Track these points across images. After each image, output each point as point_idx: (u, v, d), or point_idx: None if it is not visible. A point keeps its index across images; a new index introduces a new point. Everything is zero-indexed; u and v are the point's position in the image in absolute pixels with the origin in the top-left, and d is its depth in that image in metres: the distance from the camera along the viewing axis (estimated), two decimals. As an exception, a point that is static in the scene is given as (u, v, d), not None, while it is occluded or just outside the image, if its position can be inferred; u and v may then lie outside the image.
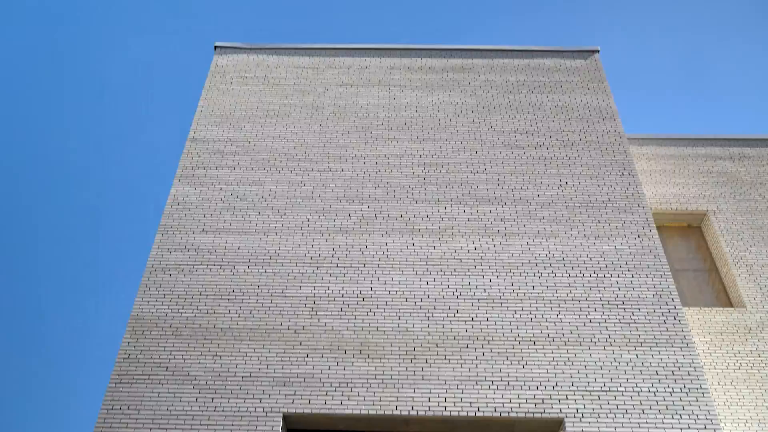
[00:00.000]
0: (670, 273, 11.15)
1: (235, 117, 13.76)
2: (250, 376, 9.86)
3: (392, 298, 10.74)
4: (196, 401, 9.64)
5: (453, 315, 10.52)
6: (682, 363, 10.01)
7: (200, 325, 10.46)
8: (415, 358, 10.02)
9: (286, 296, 10.78)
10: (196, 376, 9.89)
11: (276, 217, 11.91)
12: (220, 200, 12.18)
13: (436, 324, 10.41)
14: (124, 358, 10.14)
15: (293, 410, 9.52)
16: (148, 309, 10.70)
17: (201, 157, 12.91)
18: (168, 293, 10.87)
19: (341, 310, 10.59)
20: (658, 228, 14.37)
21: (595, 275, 11.05)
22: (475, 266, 11.16)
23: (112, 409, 9.61)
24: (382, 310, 10.58)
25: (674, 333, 10.36)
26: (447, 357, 10.04)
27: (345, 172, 12.64)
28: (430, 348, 10.14)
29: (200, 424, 9.36)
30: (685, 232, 14.51)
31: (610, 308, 10.64)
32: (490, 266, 11.16)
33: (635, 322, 10.47)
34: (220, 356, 10.09)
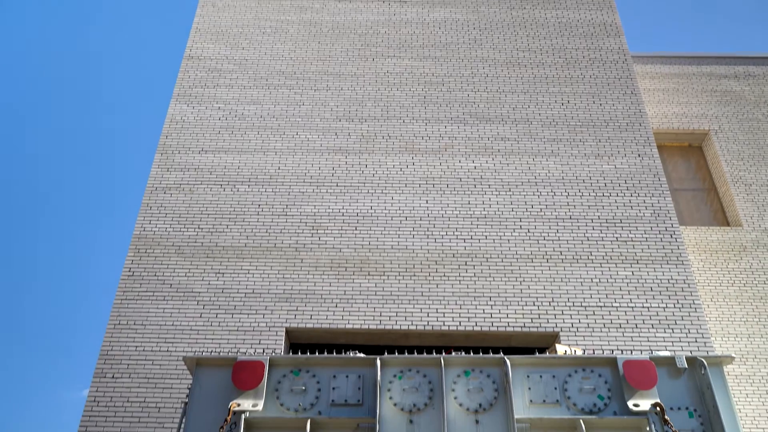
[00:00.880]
0: (668, 192, 11.20)
1: (232, 34, 13.48)
2: (253, 293, 10.07)
3: (392, 216, 10.83)
4: (201, 317, 9.88)
5: (452, 233, 10.64)
6: (676, 280, 10.19)
7: (202, 243, 10.59)
8: (414, 275, 10.20)
9: (286, 215, 10.87)
10: (199, 292, 10.10)
11: (275, 136, 11.86)
12: (219, 119, 12.10)
13: (435, 242, 10.54)
14: (128, 276, 10.32)
15: (295, 325, 9.76)
16: (150, 228, 10.81)
17: (198, 76, 12.73)
18: (169, 212, 10.96)
19: (341, 229, 10.70)
20: (659, 147, 14.32)
21: (594, 194, 11.11)
22: (475, 185, 11.20)
23: (119, 324, 9.86)
24: (382, 229, 10.69)
25: (670, 251, 10.51)
26: (446, 274, 10.22)
27: (344, 90, 12.49)
28: (429, 265, 10.30)
29: (205, 339, 9.62)
30: (686, 151, 14.48)
31: (607, 227, 10.74)
32: (489, 185, 11.20)
33: (632, 240, 10.60)
34: (223, 273, 10.27)
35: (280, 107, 12.25)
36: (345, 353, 5.61)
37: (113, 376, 9.34)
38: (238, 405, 5.14)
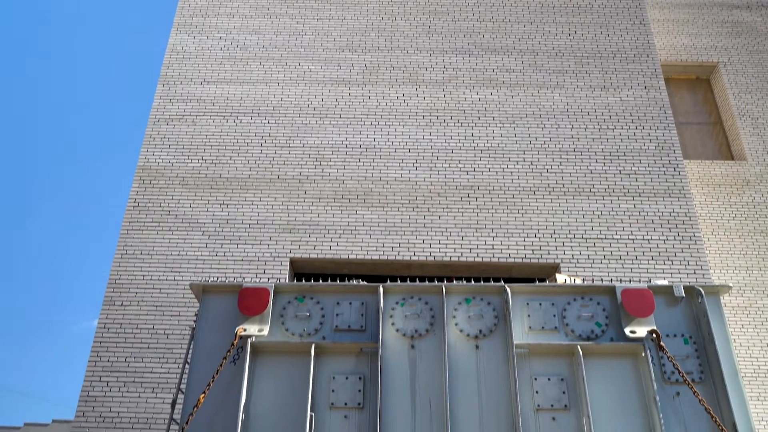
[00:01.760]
0: (674, 125, 11.13)
1: (233, -39, 13.14)
2: (257, 224, 10.16)
3: (395, 148, 10.81)
4: (206, 247, 10.00)
5: (455, 165, 10.64)
6: (677, 213, 10.25)
7: (206, 174, 10.62)
8: (417, 207, 10.26)
9: (290, 146, 10.86)
10: (204, 223, 10.19)
11: (278, 67, 11.72)
12: (220, 50, 11.94)
13: (438, 174, 10.56)
14: (133, 206, 10.40)
15: (299, 255, 9.90)
16: (154, 159, 10.83)
17: (198, 5, 12.49)
18: (173, 144, 10.95)
19: (345, 160, 10.71)
20: (666, 80, 14.13)
21: (599, 127, 11.04)
22: (479, 117, 11.13)
23: (126, 254, 10.00)
24: (386, 161, 10.70)
25: (673, 184, 10.52)
26: (448, 206, 10.28)
27: (347, 20, 12.27)
28: (432, 197, 10.35)
29: (210, 268, 9.77)
30: (693, 84, 14.29)
31: (611, 159, 10.73)
32: (493, 117, 11.14)
33: (635, 173, 10.60)
34: (227, 204, 10.34)
35: (282, 37, 12.07)
36: (348, 282, 5.71)
37: (122, 304, 9.54)
38: (245, 330, 5.27)
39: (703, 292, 5.41)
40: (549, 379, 5.15)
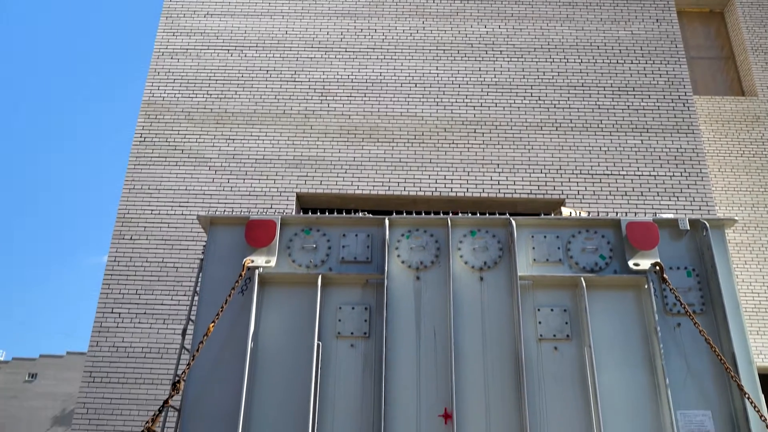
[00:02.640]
0: (684, 60, 10.94)
1: None
2: (263, 159, 10.16)
3: (401, 83, 10.70)
4: (213, 182, 10.04)
5: (462, 100, 10.54)
6: (685, 149, 10.19)
7: (211, 109, 10.56)
8: (423, 142, 10.22)
9: (295, 81, 10.75)
10: (211, 158, 10.20)
11: (282, -1, 11.49)
12: (224, -19, 11.68)
13: (444, 109, 10.47)
14: (140, 141, 10.39)
15: (306, 190, 9.93)
16: (159, 94, 10.76)
17: (200, -67, 12.15)
18: (177, 78, 10.85)
19: (350, 95, 10.61)
20: (678, 13, 13.81)
21: (608, 61, 10.87)
22: (486, 51, 10.96)
23: (134, 189, 10.05)
24: (392, 95, 10.60)
25: (681, 120, 10.42)
26: (454, 141, 10.23)
27: (353, -50, 11.95)
28: (438, 132, 10.30)
29: (218, 203, 9.83)
30: (706, 17, 13.97)
31: (619, 95, 10.60)
32: (501, 51, 10.96)
33: (643, 109, 10.49)
34: (233, 140, 10.32)
35: (287, -32, 11.78)
36: (354, 215, 5.75)
37: (131, 238, 9.65)
38: (252, 261, 5.34)
39: (707, 225, 5.43)
40: (552, 310, 5.23)
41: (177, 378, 4.79)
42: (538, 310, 5.22)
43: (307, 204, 10.18)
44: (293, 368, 5.04)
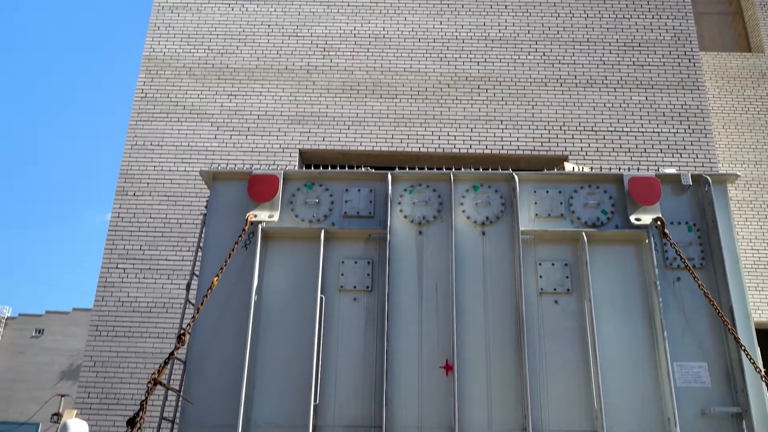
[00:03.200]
0: (692, 15, 10.78)
1: None
2: (266, 115, 10.12)
3: (405, 38, 10.57)
4: (215, 138, 10.02)
5: (466, 56, 10.44)
6: (690, 105, 10.11)
7: (213, 65, 10.48)
8: (426, 98, 10.15)
9: (297, 36, 10.63)
10: (212, 114, 10.16)
11: (283, -49, 11.28)
12: (224, -68, 11.45)
13: (448, 65, 10.38)
14: (141, 98, 10.34)
15: (308, 146, 9.91)
16: (160, 49, 10.66)
17: None
18: (178, 32, 10.73)
19: (353, 51, 10.51)
20: (687, -33, 13.56)
21: (615, 16, 10.72)
22: (491, 6, 10.80)
23: (136, 145, 10.04)
24: (395, 51, 10.49)
25: (687, 76, 10.32)
26: (458, 97, 10.16)
27: None
28: (441, 88, 10.22)
29: (220, 159, 9.83)
30: (715, -29, 13.72)
31: (625, 50, 10.48)
32: (506, 5, 10.80)
33: (649, 65, 10.38)
34: (235, 95, 10.26)
35: None
36: (357, 169, 5.75)
37: (134, 194, 9.68)
38: (255, 216, 5.37)
39: (710, 180, 5.43)
40: (553, 265, 5.27)
41: (182, 331, 4.86)
42: (539, 264, 5.26)
43: (309, 160, 10.17)
44: (296, 322, 5.11)
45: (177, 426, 5.01)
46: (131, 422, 4.48)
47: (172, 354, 4.83)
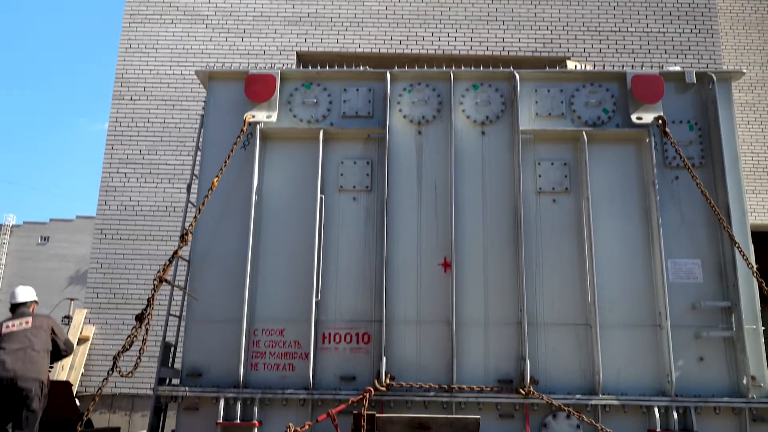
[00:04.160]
0: None
1: None
2: (262, 16, 9.86)
3: (404, -67, 10.14)
4: (211, 40, 9.80)
5: (467, -48, 10.04)
6: (697, 4, 9.83)
7: (206, -38, 10.10)
8: (426, -3, 9.85)
9: (292, -69, 10.20)
10: (207, 15, 9.89)
11: None
12: None
13: (449, -38, 10.00)
14: (133, -2, 10.04)
15: (306, 49, 9.71)
16: (150, -54, 10.24)
17: None
18: (168, -72, 10.29)
19: (351, -53, 10.10)
20: None
21: None
22: None
23: (130, 48, 9.83)
24: (394, -53, 10.08)
25: (696, -27, 9.98)
26: (459, -4, 9.85)
27: None
28: (442, -13, 9.89)
29: (217, 62, 9.65)
30: None
31: (633, -55, 10.08)
32: None
33: (657, -39, 10.01)
34: (230, -5, 9.95)
35: None
36: (355, 68, 5.65)
37: (131, 98, 9.57)
38: (253, 116, 5.33)
39: (714, 77, 5.36)
40: (552, 164, 5.28)
41: (184, 230, 4.93)
42: (539, 163, 5.26)
43: (307, 63, 9.98)
44: (297, 221, 5.17)
45: (184, 322, 5.16)
46: (139, 317, 4.62)
47: (175, 253, 4.91)
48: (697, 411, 4.65)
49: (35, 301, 6.02)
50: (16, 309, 5.81)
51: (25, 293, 5.90)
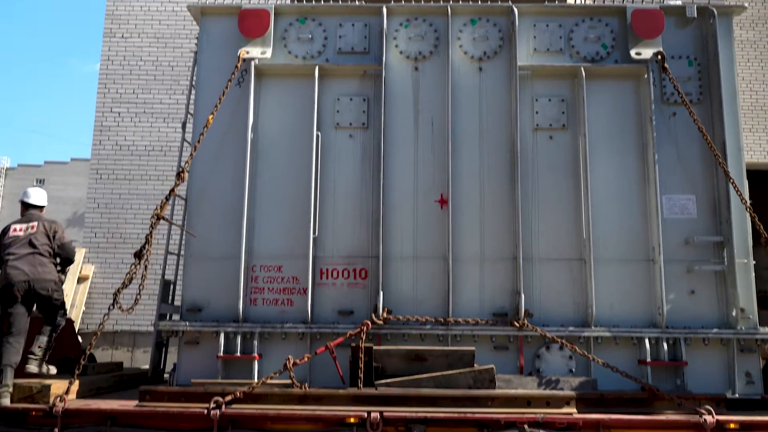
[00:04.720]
0: None
1: None
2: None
3: None
4: (202, -25, 9.56)
5: None
6: (701, -64, 9.59)
7: None
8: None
9: None
10: (198, -51, 9.64)
11: None
12: None
13: None
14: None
15: (300, -16, 9.49)
16: None
17: None
18: None
19: None
20: None
21: None
22: None
23: (120, -17, 9.60)
24: None
25: None
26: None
27: None
28: None
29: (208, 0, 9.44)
30: None
31: None
32: None
33: None
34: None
35: None
36: (350, 3, 5.55)
37: (122, 36, 9.40)
38: (247, 53, 5.26)
39: (715, 12, 5.28)
40: (549, 100, 5.25)
41: (180, 168, 4.92)
42: (536, 100, 5.23)
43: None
44: (293, 158, 5.16)
45: (183, 259, 5.21)
46: (138, 254, 4.66)
47: (172, 191, 4.92)
48: (686, 342, 4.76)
49: (43, 207, 5.66)
50: (26, 210, 5.50)
51: (36, 195, 5.58)
